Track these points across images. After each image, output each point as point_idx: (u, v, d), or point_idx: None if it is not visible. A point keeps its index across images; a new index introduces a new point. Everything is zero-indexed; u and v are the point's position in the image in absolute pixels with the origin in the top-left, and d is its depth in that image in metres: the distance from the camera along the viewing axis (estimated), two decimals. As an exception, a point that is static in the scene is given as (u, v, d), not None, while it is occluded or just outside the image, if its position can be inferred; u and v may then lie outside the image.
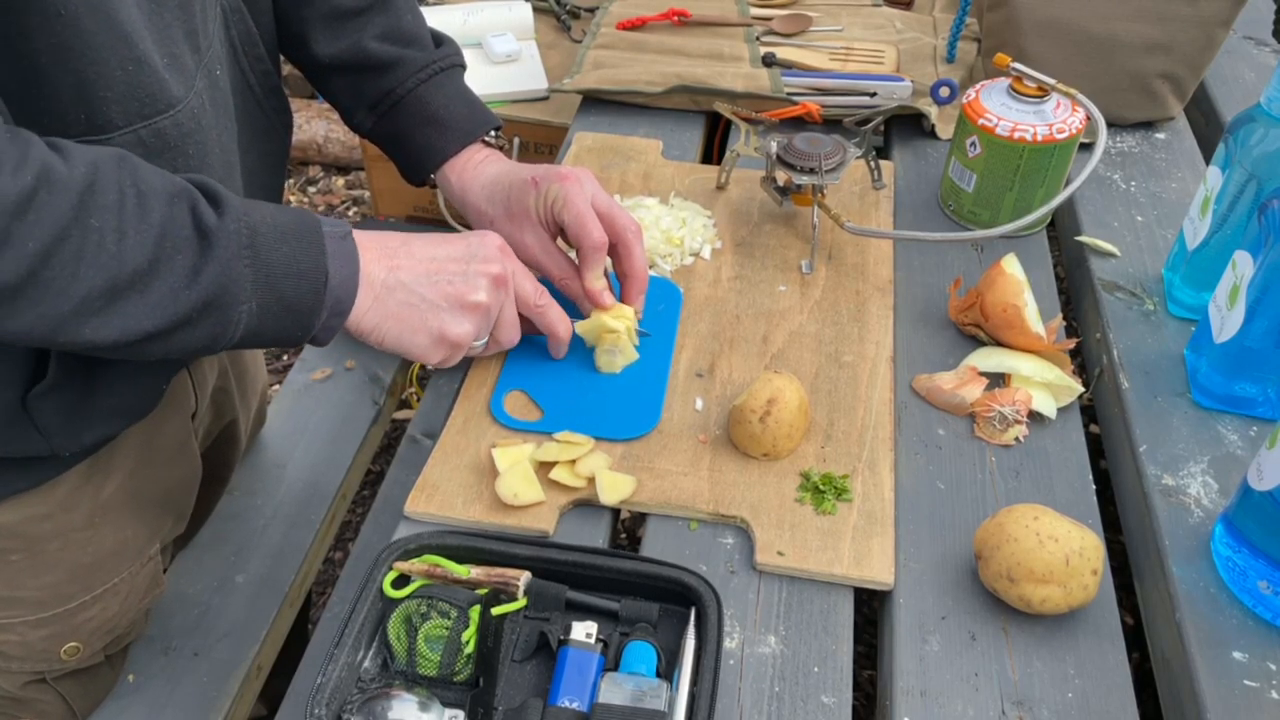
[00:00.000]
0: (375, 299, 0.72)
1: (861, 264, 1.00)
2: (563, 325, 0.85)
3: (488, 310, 0.77)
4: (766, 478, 0.80)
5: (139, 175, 0.61)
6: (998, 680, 0.69)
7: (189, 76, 0.68)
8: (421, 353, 0.76)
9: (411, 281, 0.74)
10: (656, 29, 1.36)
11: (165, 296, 0.61)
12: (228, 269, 0.63)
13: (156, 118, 0.65)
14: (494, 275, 0.77)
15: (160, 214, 0.60)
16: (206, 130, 0.71)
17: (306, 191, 2.57)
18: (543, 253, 0.88)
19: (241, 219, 0.64)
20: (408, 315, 0.74)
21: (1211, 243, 0.90)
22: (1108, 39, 1.13)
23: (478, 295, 0.76)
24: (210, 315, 0.63)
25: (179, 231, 0.61)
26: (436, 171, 0.92)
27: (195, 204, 0.62)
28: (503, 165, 0.91)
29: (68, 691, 0.90)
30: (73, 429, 0.73)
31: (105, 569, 0.85)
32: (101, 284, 0.58)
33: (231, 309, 0.64)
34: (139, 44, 0.62)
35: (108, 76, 0.62)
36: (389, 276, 0.73)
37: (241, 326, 0.65)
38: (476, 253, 0.77)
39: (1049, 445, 0.84)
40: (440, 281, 0.75)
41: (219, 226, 0.63)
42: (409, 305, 0.74)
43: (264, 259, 0.64)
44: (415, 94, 0.90)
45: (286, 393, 1.24)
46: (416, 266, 0.74)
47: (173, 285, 0.61)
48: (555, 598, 0.71)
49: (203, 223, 0.62)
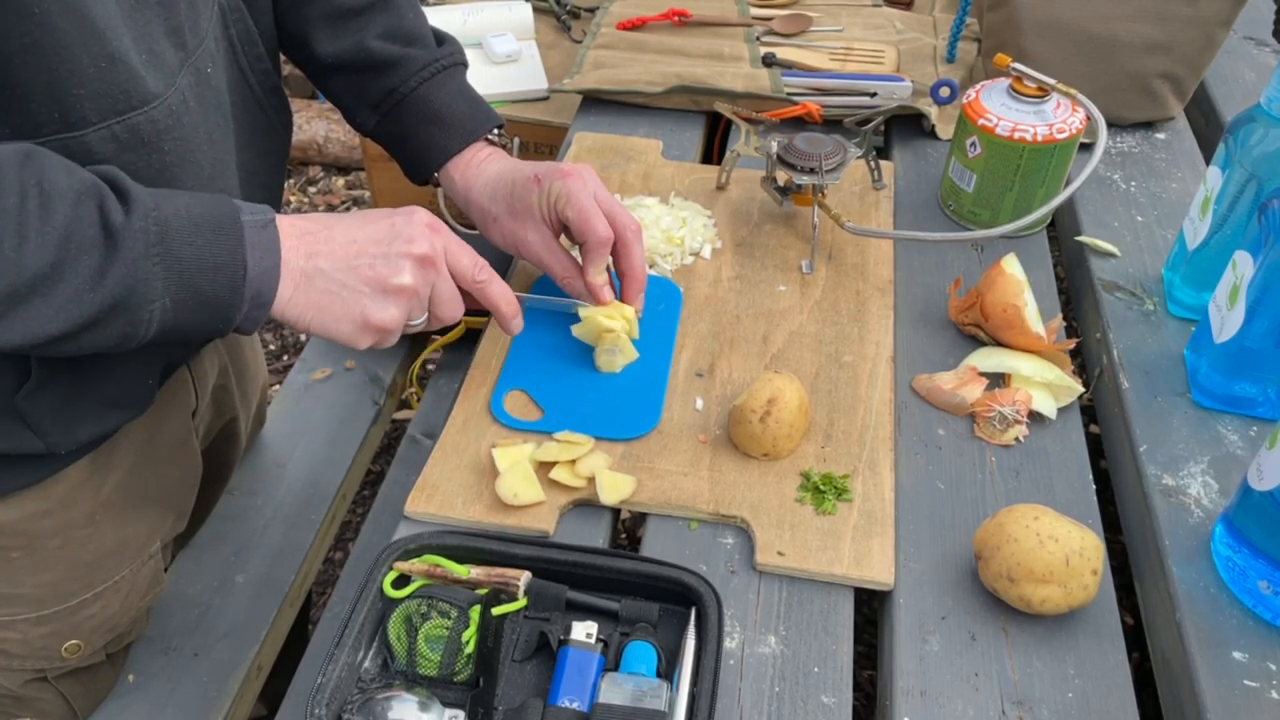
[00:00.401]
0: (296, 288, 0.70)
1: (861, 264, 1.00)
2: (505, 301, 0.82)
3: (414, 292, 0.74)
4: (766, 478, 0.80)
5: (44, 174, 0.59)
6: (998, 680, 0.69)
7: (169, 73, 0.68)
8: (348, 339, 0.73)
9: (331, 269, 0.71)
10: (656, 29, 1.36)
11: (69, 300, 0.59)
12: (134, 269, 0.61)
13: (130, 114, 0.65)
14: (418, 255, 0.74)
15: (64, 215, 0.59)
16: (189, 127, 0.70)
17: (307, 191, 2.57)
18: (545, 250, 0.88)
19: (150, 214, 0.62)
20: (329, 303, 0.71)
21: (1211, 243, 0.90)
22: (1108, 39, 1.13)
23: (401, 278, 0.72)
24: (119, 315, 0.62)
25: (84, 232, 0.60)
26: (440, 170, 0.92)
27: (103, 201, 0.61)
28: (505, 163, 0.91)
29: (68, 690, 0.90)
30: (66, 426, 0.73)
31: (106, 567, 0.85)
32: (1, 290, 0.57)
33: (141, 309, 0.62)
34: (112, 40, 0.62)
35: (80, 74, 0.61)
36: (308, 264, 0.70)
37: (155, 324, 0.63)
38: (400, 232, 0.74)
39: (1049, 445, 0.84)
40: (361, 265, 0.72)
41: (125, 225, 0.61)
42: (329, 293, 0.71)
43: (176, 254, 0.63)
44: (418, 93, 0.90)
45: (286, 393, 1.24)
46: (336, 251, 0.72)
47: (77, 288, 0.59)
48: (555, 598, 0.71)
49: (109, 222, 0.60)
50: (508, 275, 1.00)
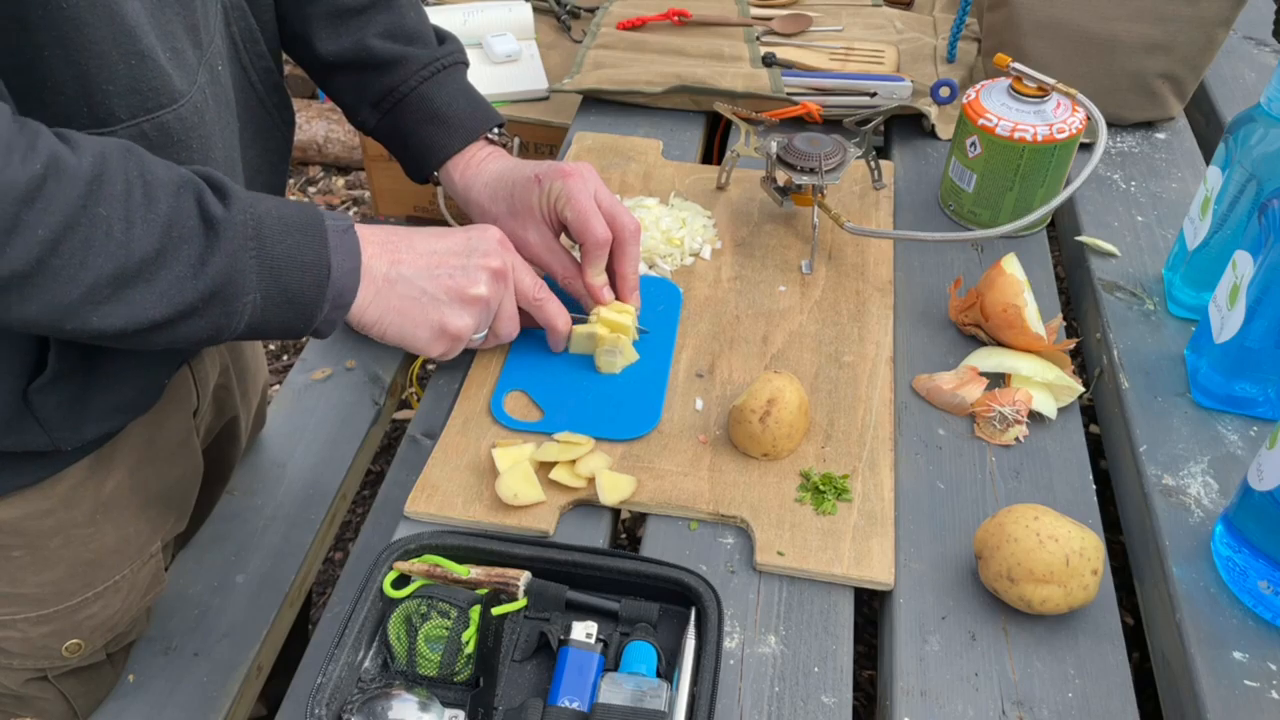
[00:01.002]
0: (377, 292, 0.73)
1: (861, 264, 1.00)
2: (561, 319, 0.86)
3: (488, 303, 0.78)
4: (766, 478, 0.80)
5: (145, 166, 0.61)
6: (998, 680, 0.69)
7: (191, 71, 0.68)
8: (423, 345, 0.77)
9: (413, 275, 0.75)
10: (656, 29, 1.36)
11: (172, 285, 0.61)
12: (234, 260, 0.63)
13: (160, 111, 0.66)
14: (494, 269, 0.78)
15: (167, 204, 0.61)
16: (210, 125, 0.71)
17: (306, 191, 2.57)
18: (546, 250, 0.88)
19: (247, 210, 0.65)
20: (409, 308, 0.75)
21: (1211, 243, 0.90)
22: (1108, 39, 1.13)
23: (478, 288, 0.77)
24: (215, 305, 0.64)
25: (186, 221, 0.62)
26: (440, 169, 0.92)
27: (201, 195, 0.63)
28: (506, 162, 0.91)
29: (69, 690, 0.90)
30: (74, 423, 0.73)
31: (107, 566, 0.85)
32: (109, 272, 0.59)
33: (236, 299, 0.64)
34: (142, 38, 0.63)
35: (110, 70, 0.62)
36: (390, 270, 0.74)
37: (246, 317, 0.66)
38: (477, 246, 0.78)
39: (1049, 445, 0.84)
40: (441, 275, 0.76)
41: (225, 217, 0.63)
42: (410, 298, 0.74)
43: (269, 250, 0.65)
44: (418, 92, 0.90)
45: (286, 393, 1.24)
46: (418, 260, 0.75)
47: (179, 274, 0.62)
48: (555, 598, 0.71)
49: (209, 213, 0.63)
50: None
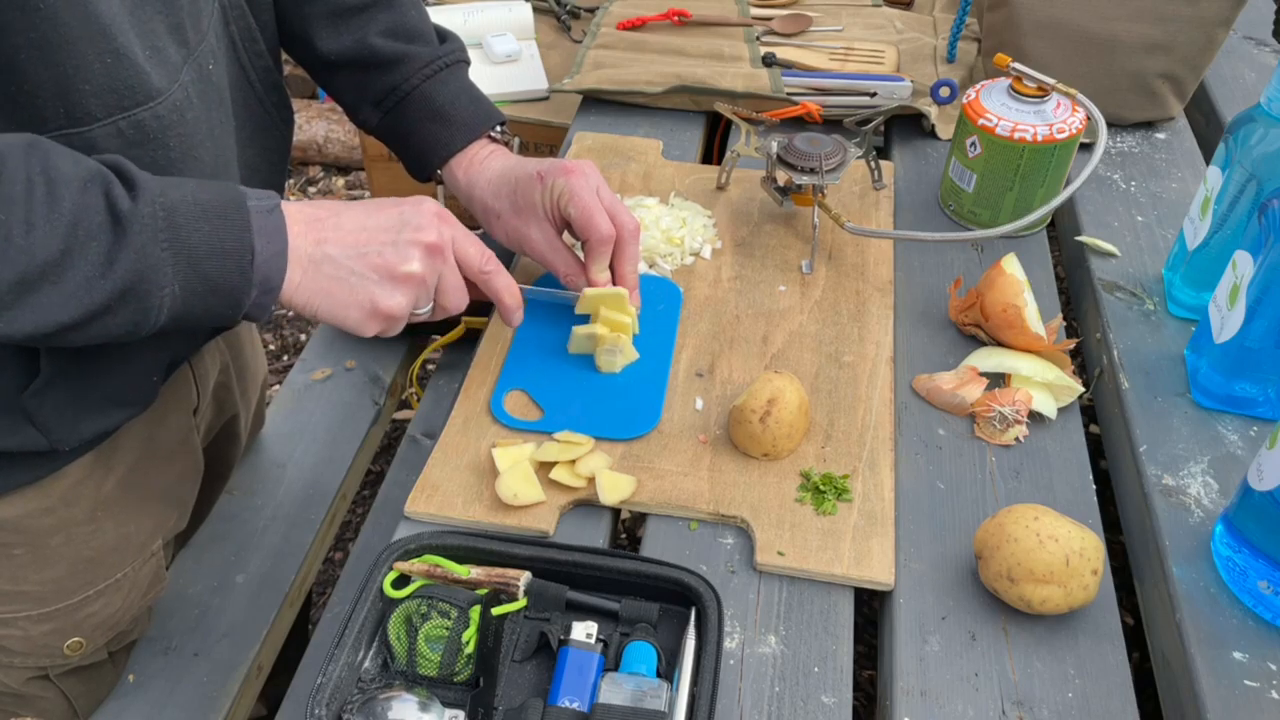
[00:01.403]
0: (304, 273, 0.70)
1: (861, 264, 1.00)
2: (508, 292, 0.83)
3: (422, 280, 0.74)
4: (766, 478, 0.80)
5: (50, 162, 0.59)
6: (998, 680, 0.69)
7: (173, 69, 0.68)
8: (355, 326, 0.73)
9: (340, 255, 0.71)
10: (656, 29, 1.36)
11: (79, 287, 0.59)
12: (143, 255, 0.61)
13: (136, 109, 0.65)
14: (427, 244, 0.74)
15: (71, 201, 0.59)
16: (192, 123, 0.70)
17: (307, 191, 2.57)
18: (548, 248, 0.88)
19: (157, 200, 0.62)
20: (336, 289, 0.71)
21: (1211, 243, 0.90)
22: (1108, 39, 1.13)
23: (409, 266, 0.73)
24: (129, 302, 0.62)
25: (92, 218, 0.59)
26: (442, 167, 0.92)
27: (109, 188, 0.61)
28: (508, 160, 0.91)
29: (70, 689, 0.90)
30: (70, 423, 0.73)
31: (108, 564, 0.85)
32: (10, 278, 0.57)
33: (151, 295, 0.62)
34: (118, 36, 0.62)
35: (86, 69, 0.61)
36: (316, 250, 0.70)
37: (165, 310, 0.63)
38: (409, 220, 0.74)
39: (1049, 445, 0.84)
40: (369, 253, 0.72)
41: (132, 211, 0.61)
42: (337, 279, 0.71)
43: (184, 240, 0.63)
44: (420, 90, 0.90)
45: (286, 393, 1.24)
46: (345, 238, 0.72)
47: (87, 275, 0.59)
48: (555, 598, 0.71)
49: (116, 208, 0.60)
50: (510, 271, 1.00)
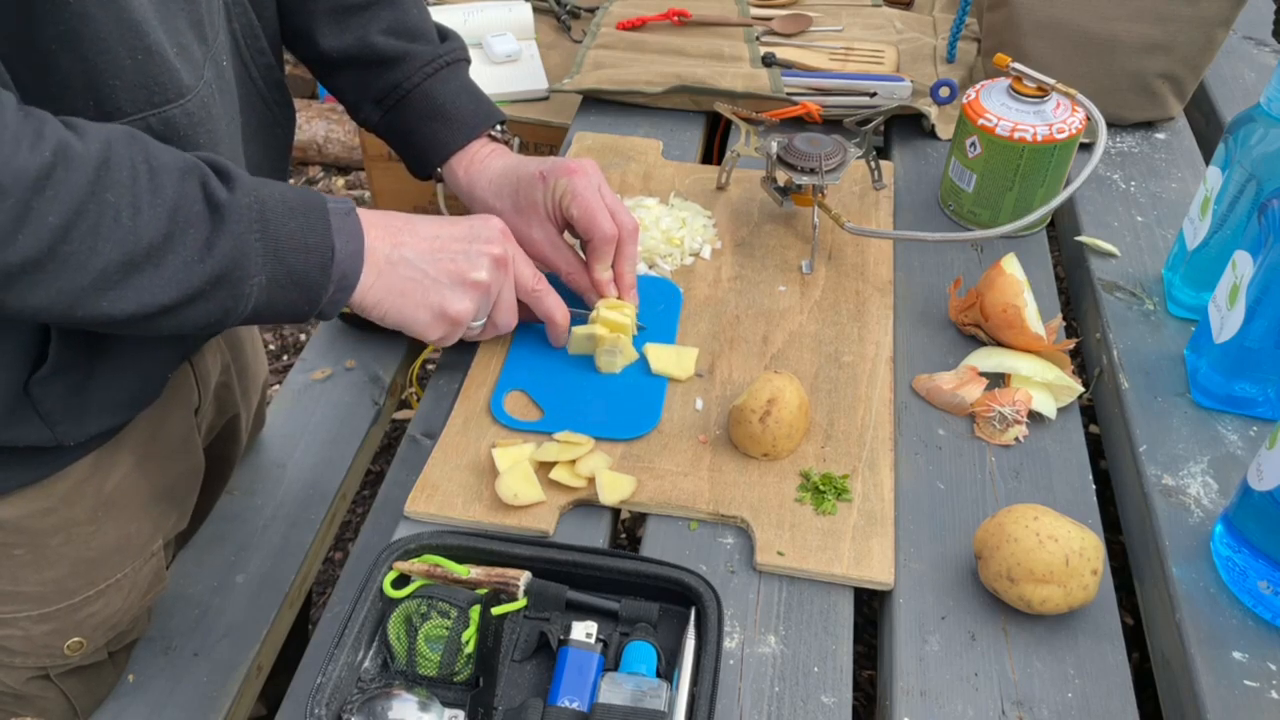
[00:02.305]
0: (379, 274, 0.74)
1: (861, 264, 1.00)
2: (559, 311, 0.86)
3: (488, 289, 0.79)
4: (766, 478, 0.80)
5: (150, 152, 0.62)
6: (998, 680, 0.69)
7: (198, 66, 0.69)
8: (422, 328, 0.77)
9: (415, 257, 0.75)
10: (656, 29, 1.36)
11: (179, 270, 0.62)
12: (239, 242, 0.64)
13: (166, 106, 0.66)
14: (495, 256, 0.78)
15: (172, 189, 0.62)
16: (216, 120, 0.72)
17: (307, 191, 2.57)
18: (550, 247, 0.89)
19: (251, 194, 0.65)
20: (410, 290, 0.75)
21: (1211, 243, 0.90)
22: (1108, 39, 1.13)
23: (479, 273, 0.77)
24: (222, 288, 0.64)
25: (191, 206, 0.62)
26: (443, 165, 0.92)
27: (206, 179, 0.64)
28: (509, 159, 0.92)
29: (70, 689, 0.90)
30: (76, 417, 0.73)
31: (108, 564, 0.85)
32: (118, 258, 0.60)
33: (243, 282, 0.65)
34: (149, 33, 0.63)
35: (116, 65, 0.62)
36: (393, 252, 0.74)
37: (252, 300, 0.66)
38: (479, 233, 0.79)
39: (1049, 445, 0.84)
40: (443, 259, 0.76)
41: (230, 201, 0.64)
42: (412, 280, 0.75)
43: (273, 233, 0.66)
44: (421, 88, 0.90)
45: (286, 393, 1.24)
46: (420, 244, 0.76)
47: (186, 259, 0.62)
48: (555, 598, 0.71)
49: (214, 197, 0.63)
50: None
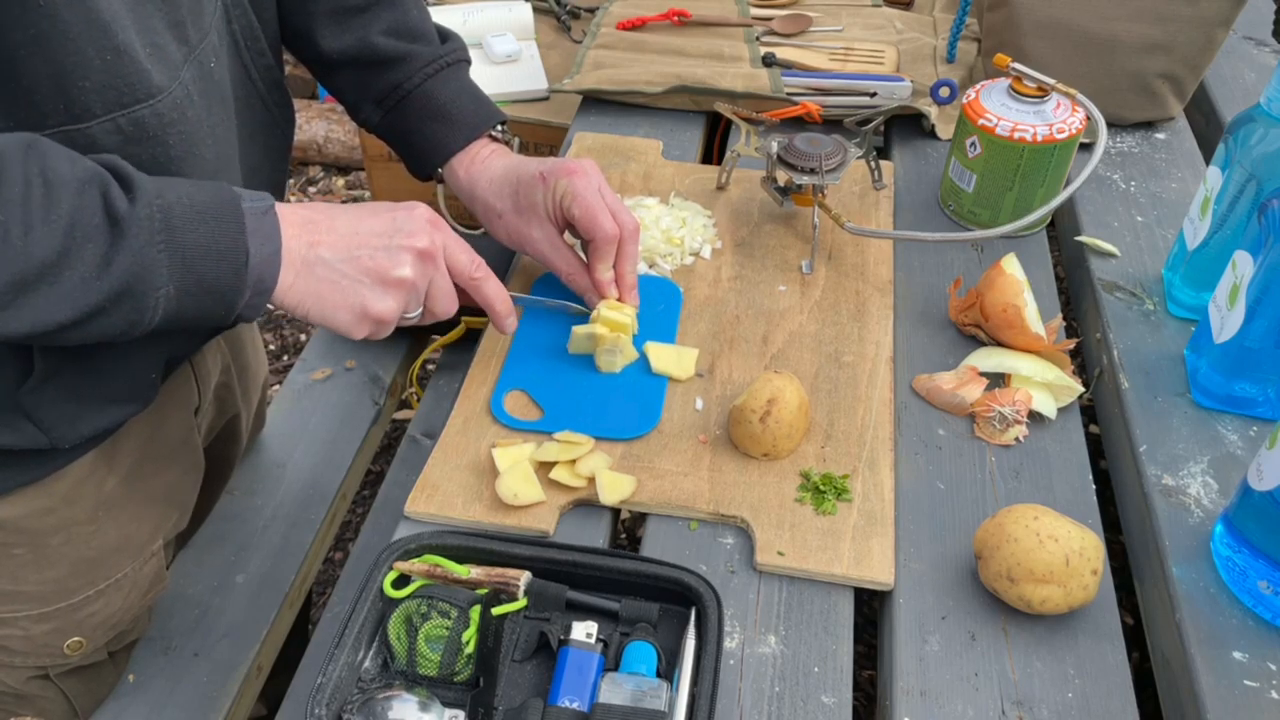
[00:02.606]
0: (297, 275, 0.71)
1: (861, 264, 1.00)
2: (499, 299, 0.83)
3: (413, 285, 0.75)
4: (766, 478, 0.80)
5: (47, 163, 0.59)
6: (998, 680, 0.69)
7: (174, 67, 0.68)
8: (345, 328, 0.74)
9: (332, 258, 0.72)
10: (656, 29, 1.36)
11: (76, 287, 0.60)
12: (140, 256, 0.61)
13: (136, 106, 0.65)
14: (419, 250, 0.75)
15: (68, 203, 0.59)
16: (193, 121, 0.70)
17: (307, 191, 2.57)
18: (550, 248, 0.89)
19: (154, 202, 0.63)
20: (328, 292, 0.72)
21: (1211, 243, 0.90)
22: (1108, 39, 1.13)
23: (401, 271, 0.74)
24: (125, 302, 0.62)
25: (89, 220, 0.60)
26: (443, 166, 0.92)
27: (107, 190, 0.61)
28: (509, 159, 0.92)
29: (70, 689, 0.90)
30: (69, 421, 0.73)
31: (108, 564, 0.85)
32: (8, 278, 0.58)
33: (146, 295, 0.63)
34: (119, 33, 0.62)
35: (85, 66, 0.61)
36: (309, 252, 0.71)
37: (160, 311, 0.64)
38: (402, 226, 0.75)
39: (1049, 445, 0.84)
40: (362, 256, 0.73)
41: (130, 213, 0.61)
42: (330, 281, 0.72)
43: (179, 241, 0.63)
44: (422, 89, 0.90)
45: (286, 393, 1.24)
46: (338, 242, 0.73)
47: (83, 275, 0.60)
48: (555, 598, 0.71)
49: (114, 210, 0.61)
50: (510, 272, 1.01)
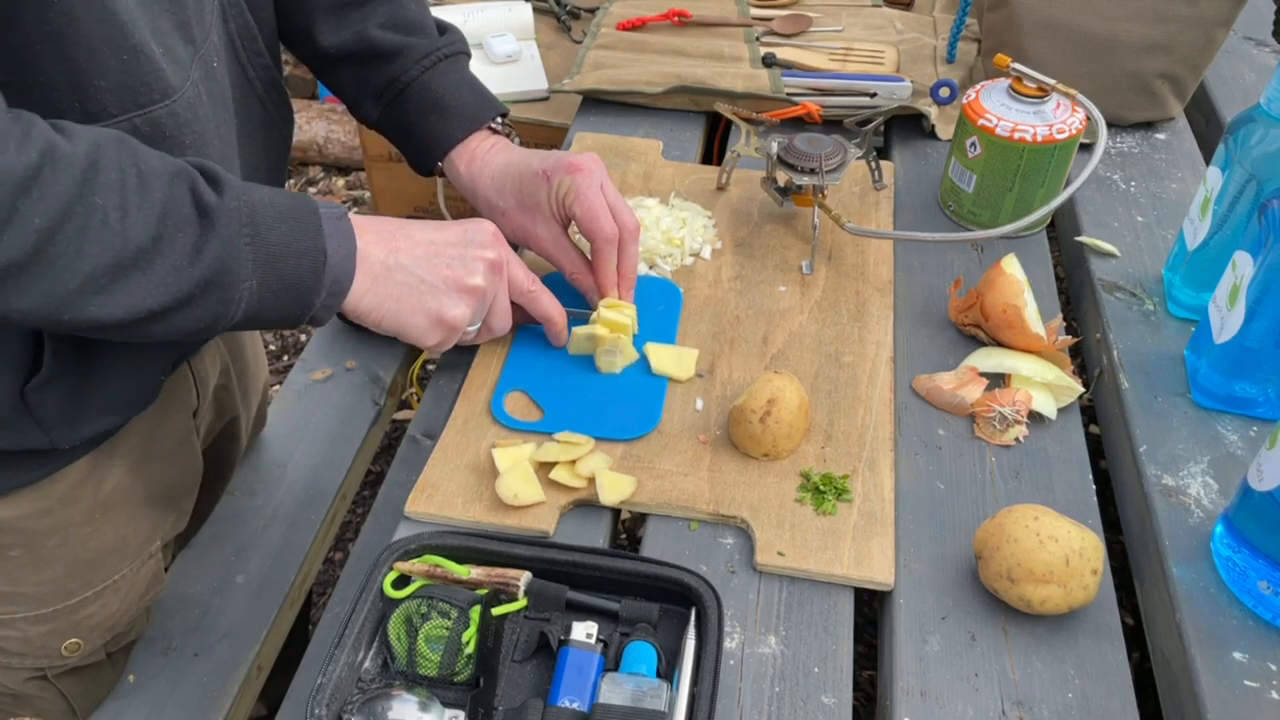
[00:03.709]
0: (374, 279, 0.73)
1: (861, 264, 1.00)
2: (555, 311, 0.86)
3: (484, 294, 0.78)
4: (767, 478, 0.80)
5: (139, 155, 0.61)
6: (998, 680, 0.69)
7: (184, 67, 0.69)
8: (419, 334, 0.77)
9: (411, 263, 0.75)
10: (656, 29, 1.36)
11: (169, 274, 0.62)
12: (229, 247, 0.64)
13: (152, 107, 0.66)
14: (490, 260, 0.78)
15: (161, 192, 0.61)
16: (204, 121, 0.71)
17: (307, 192, 2.57)
18: (554, 246, 0.89)
19: (241, 198, 0.65)
20: (406, 296, 0.75)
21: (1211, 243, 0.90)
22: (1108, 39, 1.13)
23: (475, 279, 0.77)
24: (212, 293, 0.64)
25: (180, 209, 0.62)
26: (444, 159, 0.92)
27: (195, 183, 0.63)
28: (511, 154, 0.92)
29: (68, 689, 0.90)
30: (71, 421, 0.73)
31: (106, 565, 0.85)
32: (106, 261, 0.59)
33: (233, 287, 0.65)
34: (135, 33, 0.63)
35: (102, 65, 0.62)
36: (388, 258, 0.74)
37: (243, 305, 0.66)
38: (474, 238, 0.78)
39: (1049, 445, 0.84)
40: (439, 264, 0.76)
41: (219, 205, 0.63)
42: (407, 286, 0.75)
43: (263, 238, 0.65)
44: (420, 81, 0.90)
45: (286, 393, 1.24)
46: (415, 249, 0.76)
47: (175, 263, 0.62)
48: (555, 598, 0.71)
49: (203, 201, 0.63)
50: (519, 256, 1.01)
